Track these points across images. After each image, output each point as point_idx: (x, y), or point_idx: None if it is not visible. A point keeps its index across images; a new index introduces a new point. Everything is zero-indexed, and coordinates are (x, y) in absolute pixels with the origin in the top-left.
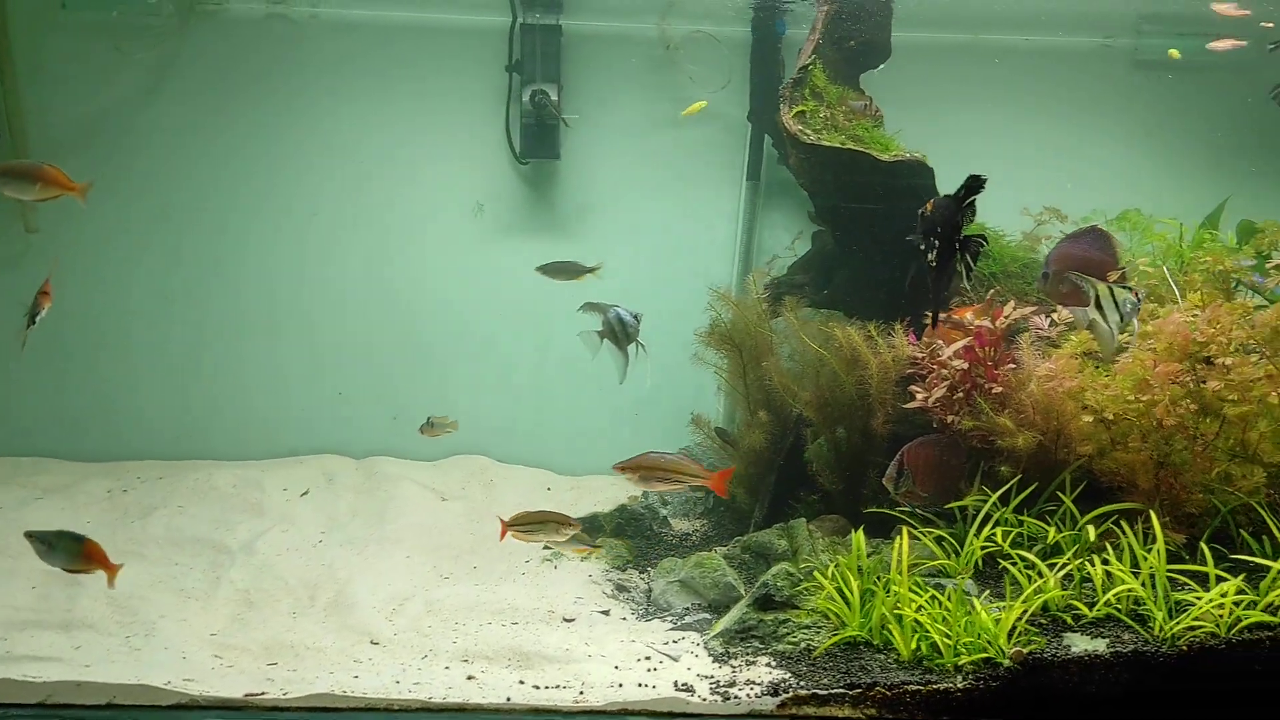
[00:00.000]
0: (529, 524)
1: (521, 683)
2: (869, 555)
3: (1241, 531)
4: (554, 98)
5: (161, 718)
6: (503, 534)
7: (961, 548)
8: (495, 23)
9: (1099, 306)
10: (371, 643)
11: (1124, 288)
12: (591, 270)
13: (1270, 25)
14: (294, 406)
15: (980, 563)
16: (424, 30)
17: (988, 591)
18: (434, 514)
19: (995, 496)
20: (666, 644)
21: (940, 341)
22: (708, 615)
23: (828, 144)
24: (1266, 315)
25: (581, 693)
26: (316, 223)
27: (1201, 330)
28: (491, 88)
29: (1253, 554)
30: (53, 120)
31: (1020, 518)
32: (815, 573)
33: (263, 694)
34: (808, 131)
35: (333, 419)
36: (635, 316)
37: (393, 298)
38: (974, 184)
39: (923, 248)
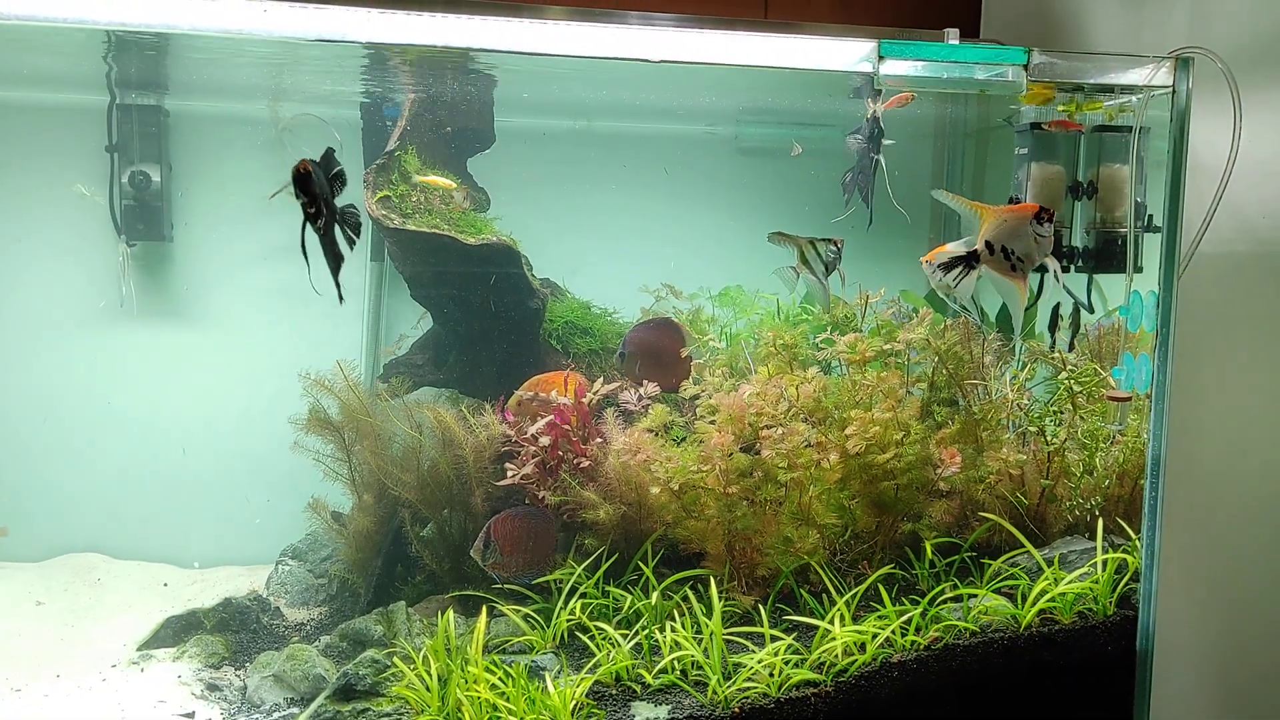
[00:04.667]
0: None
1: None
2: (463, 636)
3: (802, 590)
4: (156, 178)
5: None
6: None
7: (550, 622)
8: (97, 102)
9: (805, 262)
10: None
11: (824, 240)
12: None
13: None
14: None
15: (566, 636)
16: (18, 110)
17: (560, 666)
18: (24, 620)
19: (581, 569)
20: None
21: (532, 419)
22: (298, 710)
23: (413, 228)
24: (806, 388)
25: None
26: None
27: (753, 403)
28: (97, 170)
29: (815, 613)
30: None
31: (606, 589)
32: (396, 658)
33: None
34: (393, 216)
35: None
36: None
37: None
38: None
39: (313, 210)
